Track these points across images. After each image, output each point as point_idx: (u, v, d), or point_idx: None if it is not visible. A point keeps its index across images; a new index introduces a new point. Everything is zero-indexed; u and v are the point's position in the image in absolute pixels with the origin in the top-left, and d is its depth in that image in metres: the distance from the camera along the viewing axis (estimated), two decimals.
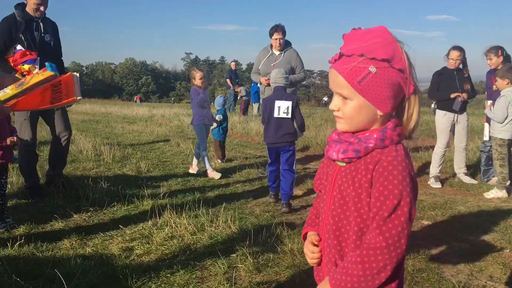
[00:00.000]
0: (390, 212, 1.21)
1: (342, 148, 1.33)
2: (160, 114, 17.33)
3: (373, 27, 1.31)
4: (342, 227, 1.35)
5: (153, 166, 6.97)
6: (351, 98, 1.28)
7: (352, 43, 1.28)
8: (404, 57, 1.26)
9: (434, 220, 4.43)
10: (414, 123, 1.32)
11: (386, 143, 1.28)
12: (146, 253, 3.45)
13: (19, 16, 4.66)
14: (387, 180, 1.23)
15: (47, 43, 4.86)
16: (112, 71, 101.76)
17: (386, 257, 1.21)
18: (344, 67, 1.26)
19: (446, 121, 5.95)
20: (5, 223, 3.88)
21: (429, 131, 11.33)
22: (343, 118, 1.33)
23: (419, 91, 1.31)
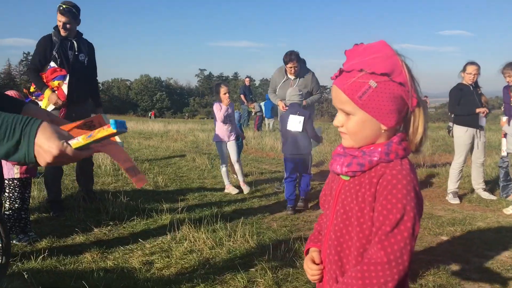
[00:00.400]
0: (392, 226, 1.18)
1: (346, 161, 1.32)
2: (175, 130, 17.50)
3: (373, 42, 1.30)
4: (344, 242, 1.33)
5: (170, 181, 7.04)
6: (354, 114, 1.28)
7: (353, 58, 1.28)
8: (405, 70, 1.25)
9: (453, 236, 4.39)
10: (420, 136, 1.30)
11: (391, 157, 1.26)
12: (166, 266, 3.49)
13: (55, 35, 4.92)
14: (390, 194, 1.20)
15: (80, 62, 5.05)
16: (128, 88, 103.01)
17: (387, 273, 1.17)
18: (345, 83, 1.26)
19: (468, 137, 5.89)
20: (28, 237, 3.95)
21: (446, 147, 11.27)
22: (347, 133, 1.32)
23: (423, 103, 1.29)
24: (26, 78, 76.80)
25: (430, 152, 10.62)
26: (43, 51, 4.87)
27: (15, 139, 1.16)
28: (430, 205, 5.78)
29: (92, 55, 5.26)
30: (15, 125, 1.17)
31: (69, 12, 4.86)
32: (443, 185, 6.72)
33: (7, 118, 1.17)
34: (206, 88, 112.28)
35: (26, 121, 1.18)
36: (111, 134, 1.19)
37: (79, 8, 5.02)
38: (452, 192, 6.02)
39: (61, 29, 4.90)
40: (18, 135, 1.16)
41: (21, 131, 1.16)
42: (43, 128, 1.18)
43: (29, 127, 1.17)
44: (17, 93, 4.08)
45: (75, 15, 4.93)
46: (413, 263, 3.57)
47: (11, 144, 1.17)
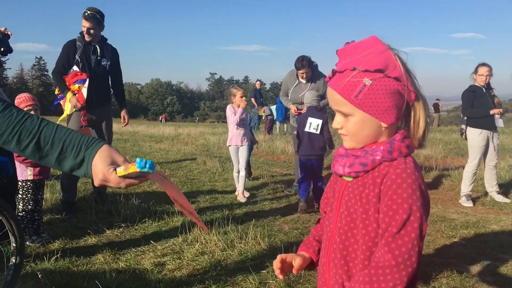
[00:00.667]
0: (399, 228, 1.13)
1: (349, 161, 1.27)
2: (185, 133, 17.55)
3: (364, 39, 1.25)
4: (349, 246, 1.28)
5: (181, 184, 7.06)
6: (352, 114, 1.23)
7: (345, 58, 1.25)
8: (399, 65, 1.20)
9: (467, 239, 4.35)
10: (422, 130, 1.25)
11: (394, 155, 1.22)
12: (178, 268, 3.50)
13: (79, 40, 5.07)
14: (396, 193, 1.16)
15: (102, 67, 5.17)
16: (138, 92, 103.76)
17: (395, 276, 1.12)
18: (339, 84, 1.22)
19: (482, 139, 5.82)
20: (41, 238, 3.98)
21: (458, 150, 11.19)
22: (347, 135, 1.28)
23: (422, 96, 1.25)
24: (38, 82, 78.02)
25: (443, 155, 10.54)
26: (66, 55, 5.04)
27: (79, 158, 1.28)
28: (443, 208, 5.73)
29: (116, 60, 5.38)
30: (81, 145, 1.28)
31: (93, 18, 4.98)
32: (456, 188, 6.66)
33: (75, 138, 1.29)
34: (217, 92, 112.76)
35: (90, 143, 1.29)
36: (137, 172, 1.22)
37: (103, 14, 5.14)
38: (465, 195, 5.96)
39: (85, 34, 5.03)
40: (82, 155, 1.28)
41: (84, 152, 1.28)
42: (101, 151, 1.28)
43: (91, 149, 1.28)
44: (30, 96, 4.13)
45: (99, 21, 5.05)
46: (426, 266, 3.56)
47: (76, 162, 1.29)
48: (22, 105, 3.95)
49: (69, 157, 1.28)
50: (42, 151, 1.28)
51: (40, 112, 4.22)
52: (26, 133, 1.27)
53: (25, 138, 1.27)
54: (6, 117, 1.27)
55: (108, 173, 1.25)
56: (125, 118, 5.58)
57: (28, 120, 1.29)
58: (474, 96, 5.87)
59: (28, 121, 1.29)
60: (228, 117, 6.19)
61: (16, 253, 2.71)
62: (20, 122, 1.28)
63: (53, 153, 1.28)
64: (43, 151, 1.28)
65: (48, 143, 1.28)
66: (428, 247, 4.08)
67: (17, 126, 1.27)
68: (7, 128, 1.27)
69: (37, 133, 1.27)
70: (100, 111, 5.17)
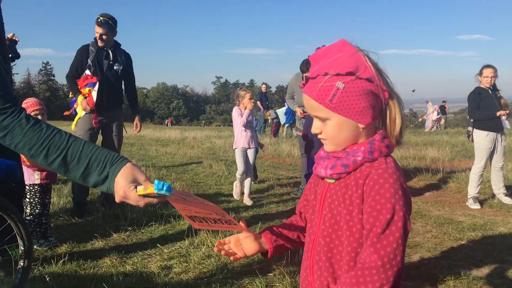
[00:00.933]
0: (383, 228, 1.15)
1: (330, 163, 1.28)
2: (191, 137, 17.60)
3: (334, 43, 1.27)
4: (334, 247, 1.28)
5: (187, 187, 7.07)
6: (329, 118, 1.25)
7: (316, 63, 1.26)
8: (370, 65, 1.22)
9: (474, 241, 4.32)
10: (399, 127, 1.26)
11: (375, 155, 1.23)
12: (184, 271, 3.50)
13: (92, 45, 5.20)
14: (378, 194, 1.17)
15: (114, 71, 5.27)
16: (145, 96, 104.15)
17: (382, 276, 1.13)
18: (313, 90, 1.23)
19: (489, 141, 5.79)
20: (48, 242, 4.01)
21: (465, 152, 11.14)
22: (327, 139, 1.29)
23: (396, 95, 1.27)
24: (45, 87, 78.45)
25: (450, 157, 10.50)
26: (79, 60, 5.18)
27: (103, 174, 1.33)
28: (450, 210, 5.70)
29: (129, 65, 5.47)
30: (106, 162, 1.34)
31: (106, 24, 5.08)
32: (463, 190, 6.63)
33: (101, 154, 1.35)
34: (223, 96, 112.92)
35: (115, 160, 1.35)
36: (155, 193, 1.27)
37: (116, 20, 5.24)
38: (472, 197, 5.93)
39: (98, 39, 5.14)
40: (106, 171, 1.33)
41: (109, 168, 1.33)
42: (125, 168, 1.33)
43: (115, 166, 1.33)
44: (37, 101, 4.16)
45: (111, 27, 5.15)
46: (434, 269, 3.55)
47: (100, 178, 1.34)
48: (29, 109, 3.98)
49: (93, 173, 1.34)
50: (68, 166, 1.34)
51: (47, 117, 4.25)
52: (54, 148, 1.33)
53: (53, 153, 1.33)
54: (36, 132, 1.33)
55: (128, 190, 1.30)
56: (138, 125, 5.68)
57: (57, 135, 1.34)
58: (480, 98, 5.84)
59: (56, 137, 1.34)
60: (234, 119, 6.10)
61: (24, 256, 2.73)
62: (49, 137, 1.33)
63: (79, 168, 1.34)
64: (69, 166, 1.34)
65: (75, 158, 1.33)
66: (435, 250, 4.07)
67: (46, 141, 1.33)
68: (37, 142, 1.32)
69: (65, 148, 1.33)
70: (110, 115, 5.26)
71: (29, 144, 1.32)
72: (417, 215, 5.38)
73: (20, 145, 1.33)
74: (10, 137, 1.33)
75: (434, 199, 6.44)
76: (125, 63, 5.39)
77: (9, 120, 1.33)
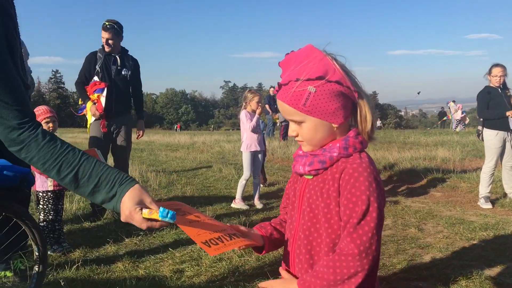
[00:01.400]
0: (359, 218, 1.22)
1: (308, 161, 1.36)
2: (201, 141, 17.66)
3: (301, 48, 1.33)
4: (313, 240, 1.35)
5: (197, 191, 7.11)
6: (304, 121, 1.32)
7: (287, 69, 1.33)
8: (338, 68, 1.28)
9: (486, 241, 4.30)
10: (370, 124, 1.34)
11: (349, 151, 1.30)
12: (196, 275, 3.53)
13: (100, 52, 5.27)
14: (354, 187, 1.24)
15: (122, 76, 5.33)
16: (154, 101, 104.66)
17: (357, 263, 1.21)
18: (286, 95, 1.30)
19: (499, 140, 5.76)
20: (61, 247, 4.05)
21: (476, 152, 11.05)
22: (304, 140, 1.36)
23: (365, 94, 1.33)
24: (55, 95, 79.16)
25: (460, 157, 10.43)
26: (88, 66, 5.25)
27: (111, 193, 1.38)
28: (461, 210, 5.67)
29: (136, 71, 5.53)
30: (115, 182, 1.38)
31: (112, 29, 5.15)
32: (474, 190, 6.59)
33: (111, 174, 1.40)
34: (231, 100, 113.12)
35: (124, 180, 1.40)
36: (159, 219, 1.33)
37: (122, 25, 5.30)
38: (483, 197, 5.90)
39: (105, 45, 5.21)
40: (114, 191, 1.38)
41: (117, 188, 1.38)
42: (132, 190, 1.37)
43: (123, 186, 1.38)
44: (48, 109, 4.22)
45: (117, 32, 5.20)
46: (445, 269, 3.54)
47: (108, 196, 1.39)
48: (41, 117, 4.04)
49: (102, 191, 1.38)
50: (79, 182, 1.39)
51: (58, 124, 4.31)
52: (67, 165, 1.38)
53: (65, 169, 1.38)
54: (51, 148, 1.38)
55: (134, 212, 1.34)
56: (141, 130, 5.74)
57: (70, 153, 1.40)
58: (490, 97, 5.81)
59: (70, 154, 1.40)
60: (243, 123, 6.05)
61: (39, 261, 2.77)
62: (62, 154, 1.39)
63: (89, 185, 1.39)
64: (79, 182, 1.39)
65: (85, 176, 1.38)
66: (447, 250, 4.05)
67: (60, 158, 1.38)
68: (50, 158, 1.38)
69: (77, 165, 1.38)
70: (119, 120, 5.31)
71: (43, 159, 1.37)
72: (428, 215, 5.36)
73: (34, 160, 1.39)
74: (26, 151, 1.39)
75: (445, 199, 6.41)
76: (133, 68, 5.45)
77: (26, 135, 1.38)
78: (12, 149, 1.40)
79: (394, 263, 3.73)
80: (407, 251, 4.05)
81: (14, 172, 2.54)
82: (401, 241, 4.34)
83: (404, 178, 8.04)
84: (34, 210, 4.85)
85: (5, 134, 1.38)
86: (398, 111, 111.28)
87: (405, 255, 3.92)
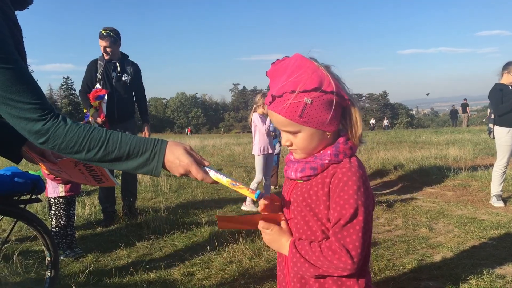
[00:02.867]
0: (346, 221, 1.26)
1: (300, 167, 1.39)
2: (211, 145, 17.74)
3: (289, 58, 1.34)
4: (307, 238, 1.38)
5: (208, 194, 7.15)
6: (299, 131, 1.34)
7: (277, 80, 1.33)
8: (330, 79, 1.29)
9: (498, 240, 4.27)
10: (361, 129, 1.37)
11: (340, 157, 1.34)
12: (207, 277, 3.55)
13: (100, 60, 5.35)
14: (342, 191, 1.28)
15: (123, 82, 5.39)
16: (164, 106, 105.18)
17: (342, 259, 1.26)
18: (281, 108, 1.30)
19: (510, 137, 5.69)
20: (74, 252, 4.11)
21: (488, 150, 10.96)
22: (298, 149, 1.39)
23: (354, 100, 1.36)
24: (67, 102, 79.98)
25: (472, 155, 10.35)
26: (89, 75, 5.33)
27: (147, 155, 1.41)
28: (473, 209, 5.63)
29: (137, 76, 5.58)
30: (147, 145, 1.42)
31: (108, 36, 5.21)
32: (486, 189, 6.54)
33: (140, 140, 1.43)
34: (241, 103, 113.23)
35: (156, 141, 1.44)
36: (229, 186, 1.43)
37: (118, 32, 5.34)
38: (495, 195, 5.85)
39: (103, 52, 5.29)
40: (150, 152, 1.41)
41: (153, 148, 1.41)
42: (170, 144, 1.43)
43: (159, 145, 1.42)
44: None
45: (114, 39, 5.25)
46: (456, 268, 3.52)
47: (143, 160, 1.41)
48: None
49: (137, 157, 1.41)
50: (111, 156, 1.42)
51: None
52: (95, 142, 1.41)
53: (95, 146, 1.41)
54: (76, 131, 1.42)
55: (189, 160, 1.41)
56: (146, 134, 5.71)
57: (95, 130, 1.43)
58: (502, 94, 5.75)
59: (95, 131, 1.43)
60: (255, 126, 6.01)
61: (51, 266, 2.82)
62: (88, 133, 1.42)
63: (121, 155, 1.42)
64: (111, 155, 1.41)
65: (116, 148, 1.41)
66: (458, 249, 4.03)
67: (86, 137, 1.41)
68: (78, 140, 1.41)
69: (105, 140, 1.41)
70: (123, 126, 5.28)
71: (72, 143, 1.40)
72: (439, 215, 5.33)
73: (63, 145, 1.41)
74: (53, 140, 1.41)
75: (456, 198, 6.37)
76: (134, 73, 5.49)
77: (50, 124, 1.41)
78: (39, 141, 1.42)
79: (404, 263, 3.72)
80: (418, 251, 4.03)
81: (25, 179, 2.59)
82: (411, 241, 4.32)
83: (415, 177, 7.99)
84: (46, 216, 4.92)
85: (29, 128, 1.41)
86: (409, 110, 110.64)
87: (415, 255, 3.90)
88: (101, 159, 1.42)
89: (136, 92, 5.61)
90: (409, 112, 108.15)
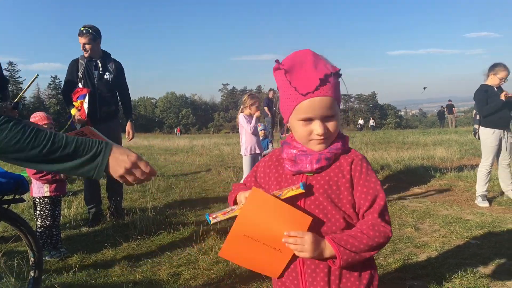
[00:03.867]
0: (381, 199, 1.42)
1: (315, 158, 1.42)
2: (200, 145, 17.69)
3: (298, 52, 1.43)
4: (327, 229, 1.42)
5: (196, 194, 7.13)
6: (334, 115, 1.41)
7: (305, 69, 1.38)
8: None
9: (482, 239, 4.32)
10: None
11: (346, 147, 1.47)
12: (193, 277, 3.55)
13: (81, 58, 5.30)
14: (368, 175, 1.42)
15: (105, 80, 5.33)
16: (153, 106, 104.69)
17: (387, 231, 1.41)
18: (330, 90, 1.38)
19: (495, 138, 5.77)
20: (59, 253, 4.08)
21: (474, 150, 11.07)
22: (327, 138, 1.42)
23: None
24: (55, 101, 79.25)
25: (458, 156, 10.45)
26: (70, 74, 5.27)
27: (93, 152, 1.40)
28: (458, 209, 5.69)
29: (120, 73, 5.50)
30: (93, 144, 1.41)
31: (87, 33, 5.16)
32: (471, 189, 6.60)
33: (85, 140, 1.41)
34: (230, 103, 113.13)
35: (101, 142, 1.43)
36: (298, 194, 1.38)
37: (97, 29, 5.29)
38: (480, 195, 5.91)
39: (83, 50, 5.23)
40: (94, 150, 1.40)
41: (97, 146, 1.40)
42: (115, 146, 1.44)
43: (104, 144, 1.42)
44: (45, 115, 4.23)
45: (93, 36, 5.20)
46: (440, 267, 3.55)
47: (87, 157, 1.39)
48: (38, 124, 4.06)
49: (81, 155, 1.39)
50: (56, 152, 1.37)
51: (56, 131, 4.32)
52: (40, 138, 1.37)
53: (40, 142, 1.36)
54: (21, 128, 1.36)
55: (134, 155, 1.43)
56: (130, 132, 5.64)
57: (41, 129, 1.40)
58: (487, 95, 5.81)
59: (41, 130, 1.40)
60: (242, 127, 5.97)
61: (34, 267, 2.80)
62: (33, 130, 1.38)
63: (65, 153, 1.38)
64: (57, 152, 1.37)
65: (62, 145, 1.38)
66: (443, 249, 4.07)
67: (31, 133, 1.36)
68: (22, 136, 1.36)
69: (50, 137, 1.38)
70: (106, 126, 5.10)
71: (15, 138, 1.34)
72: (425, 215, 5.38)
73: (5, 141, 1.34)
74: None
75: (442, 198, 6.43)
76: (116, 71, 5.44)
77: None
78: None
79: (389, 262, 3.74)
80: (403, 251, 4.07)
81: (8, 178, 2.57)
82: (397, 241, 4.35)
83: (402, 178, 8.05)
84: (32, 216, 4.88)
85: None
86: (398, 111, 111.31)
87: (401, 255, 3.94)
88: (46, 155, 1.37)
89: (119, 90, 5.54)
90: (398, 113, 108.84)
